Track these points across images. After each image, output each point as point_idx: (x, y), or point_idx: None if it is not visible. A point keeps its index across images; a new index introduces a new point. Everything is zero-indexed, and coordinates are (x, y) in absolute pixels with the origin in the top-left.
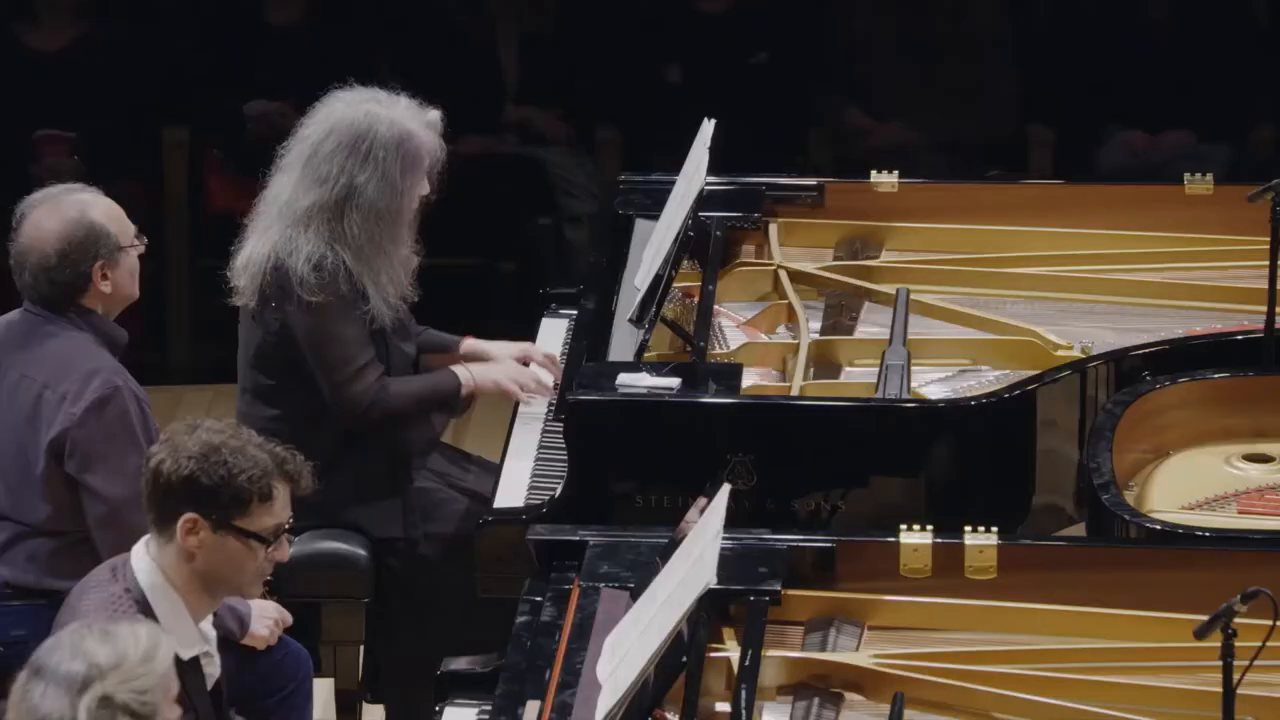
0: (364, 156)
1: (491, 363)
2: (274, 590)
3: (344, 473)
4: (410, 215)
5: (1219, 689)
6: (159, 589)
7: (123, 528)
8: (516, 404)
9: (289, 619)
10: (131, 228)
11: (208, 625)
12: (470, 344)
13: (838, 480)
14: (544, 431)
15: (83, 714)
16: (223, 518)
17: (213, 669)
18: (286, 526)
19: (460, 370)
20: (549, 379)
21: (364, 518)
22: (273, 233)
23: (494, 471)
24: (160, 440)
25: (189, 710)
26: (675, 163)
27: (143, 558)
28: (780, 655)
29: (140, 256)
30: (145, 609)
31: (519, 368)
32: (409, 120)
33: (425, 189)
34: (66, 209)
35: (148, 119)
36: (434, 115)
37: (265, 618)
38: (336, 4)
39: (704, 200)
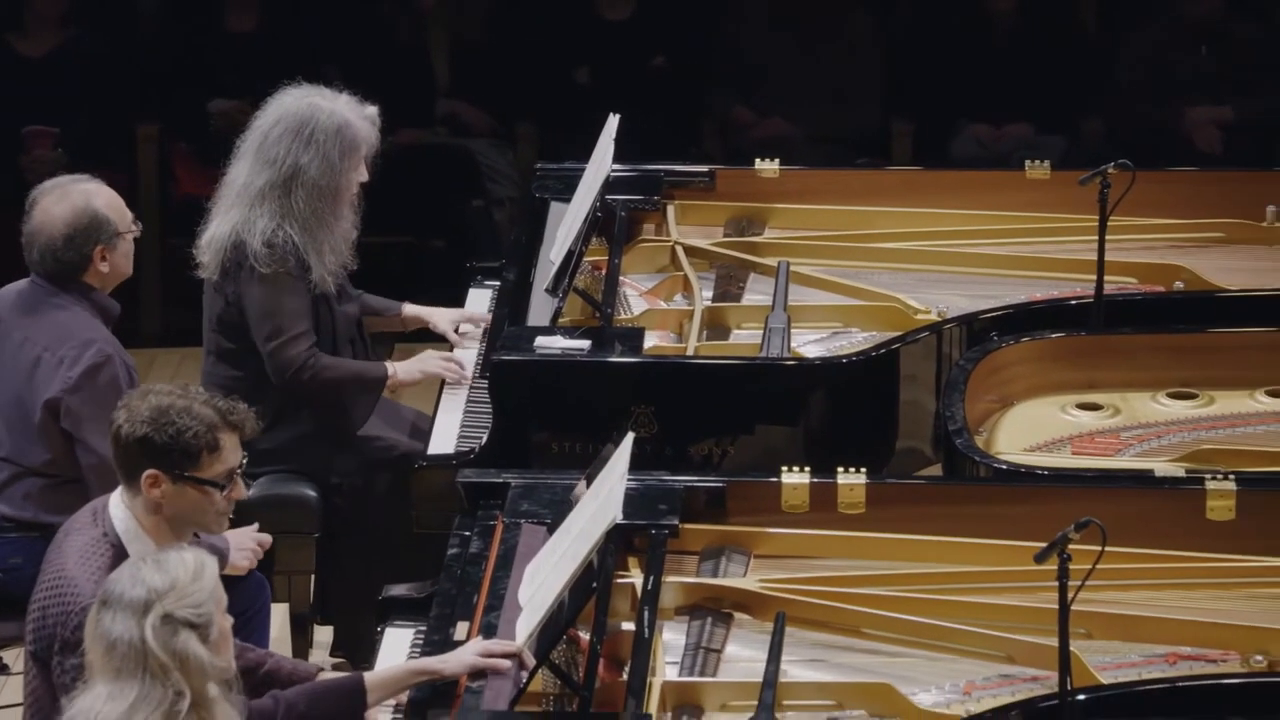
0: (307, 140)
1: (414, 357)
2: (235, 526)
3: (296, 424)
4: (349, 194)
5: (1056, 606)
6: (132, 533)
7: (111, 477)
8: None
9: (268, 540)
10: (129, 215)
11: None
12: (411, 310)
13: (728, 428)
14: (471, 388)
15: (149, 632)
16: (178, 471)
17: None
18: (239, 469)
19: (389, 365)
20: (468, 360)
21: (314, 463)
22: (233, 214)
23: (428, 423)
24: (118, 406)
25: None
26: (584, 153)
27: (119, 505)
28: (678, 581)
29: (135, 240)
30: (120, 552)
31: (438, 355)
32: (348, 112)
33: (363, 176)
34: (74, 197)
35: (123, 116)
36: (371, 110)
37: (244, 549)
38: (288, 13)
39: (610, 185)
